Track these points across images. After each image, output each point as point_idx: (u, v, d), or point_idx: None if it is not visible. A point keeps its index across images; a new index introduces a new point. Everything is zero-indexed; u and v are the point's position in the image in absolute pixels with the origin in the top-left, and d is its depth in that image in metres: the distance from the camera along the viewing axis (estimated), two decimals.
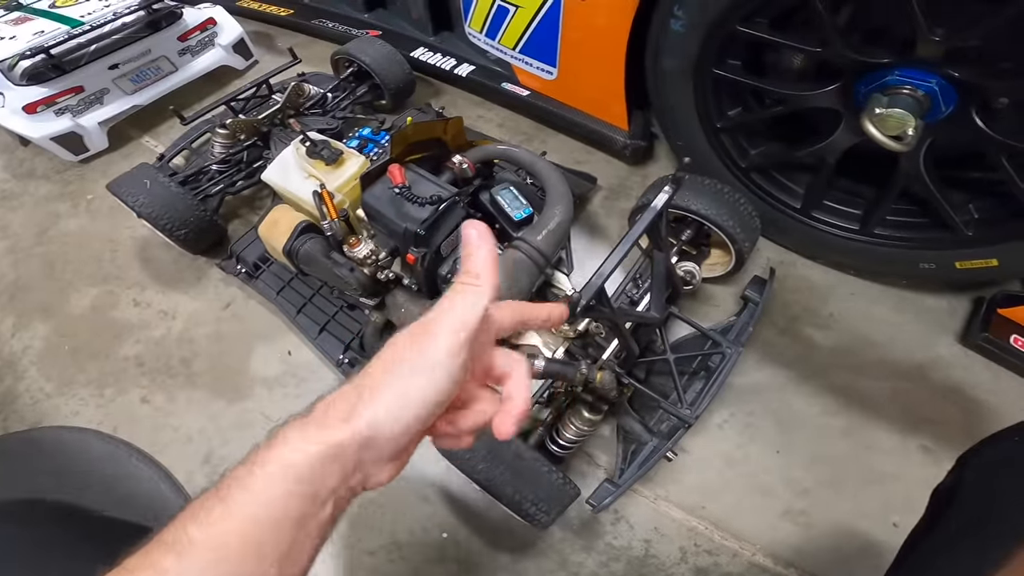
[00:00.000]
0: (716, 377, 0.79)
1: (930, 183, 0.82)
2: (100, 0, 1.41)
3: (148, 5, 1.35)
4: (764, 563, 0.78)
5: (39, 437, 0.91)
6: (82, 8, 1.39)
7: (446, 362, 0.27)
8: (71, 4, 1.41)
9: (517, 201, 0.92)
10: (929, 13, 0.66)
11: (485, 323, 0.29)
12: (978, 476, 0.43)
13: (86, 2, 1.41)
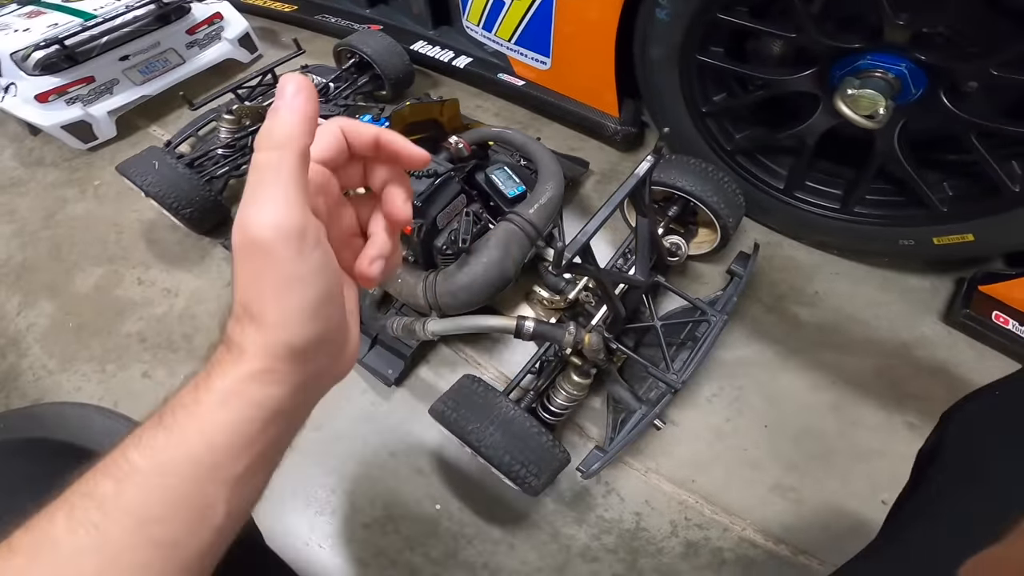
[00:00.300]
0: (702, 344, 0.82)
1: (905, 162, 0.86)
2: None
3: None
4: (755, 538, 0.79)
5: (40, 413, 0.93)
6: (95, 1, 1.44)
7: (287, 248, 0.24)
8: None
9: (511, 180, 0.96)
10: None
11: (303, 177, 0.25)
12: (960, 431, 0.43)
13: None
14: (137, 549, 0.24)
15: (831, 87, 0.83)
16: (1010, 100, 0.81)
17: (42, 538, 0.23)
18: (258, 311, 0.25)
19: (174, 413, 0.25)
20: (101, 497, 0.24)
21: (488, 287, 0.84)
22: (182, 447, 0.25)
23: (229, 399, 0.25)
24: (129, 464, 0.24)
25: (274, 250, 0.24)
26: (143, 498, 0.24)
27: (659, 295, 1.01)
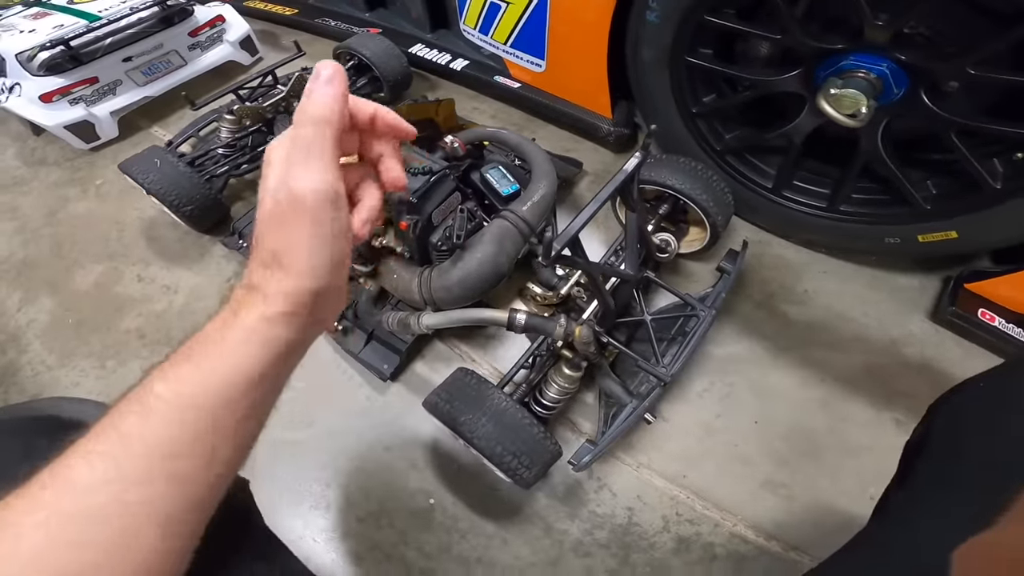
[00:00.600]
0: (690, 338, 0.83)
1: (888, 161, 0.88)
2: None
3: (162, 1, 1.43)
4: (746, 534, 0.80)
5: (38, 407, 0.95)
6: (100, 4, 1.46)
7: (325, 208, 0.28)
8: (89, 0, 1.49)
9: (505, 179, 0.98)
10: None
11: (336, 149, 0.29)
12: (946, 422, 0.43)
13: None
14: (152, 483, 0.26)
15: (815, 87, 0.85)
16: (990, 99, 0.83)
17: (60, 473, 0.25)
18: (288, 260, 0.28)
19: (203, 347, 0.28)
20: (124, 432, 0.26)
21: (482, 282, 0.85)
22: (206, 379, 0.27)
23: (251, 336, 0.28)
24: (154, 396, 0.26)
25: (315, 209, 0.28)
26: (165, 432, 0.26)
27: (651, 292, 1.03)
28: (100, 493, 0.25)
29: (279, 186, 0.29)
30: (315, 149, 0.29)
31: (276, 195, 0.29)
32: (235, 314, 0.29)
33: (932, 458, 0.42)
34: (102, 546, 0.24)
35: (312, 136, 0.29)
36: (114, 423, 0.26)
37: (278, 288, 0.29)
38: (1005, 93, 0.82)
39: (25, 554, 0.23)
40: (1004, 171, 0.82)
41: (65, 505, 0.24)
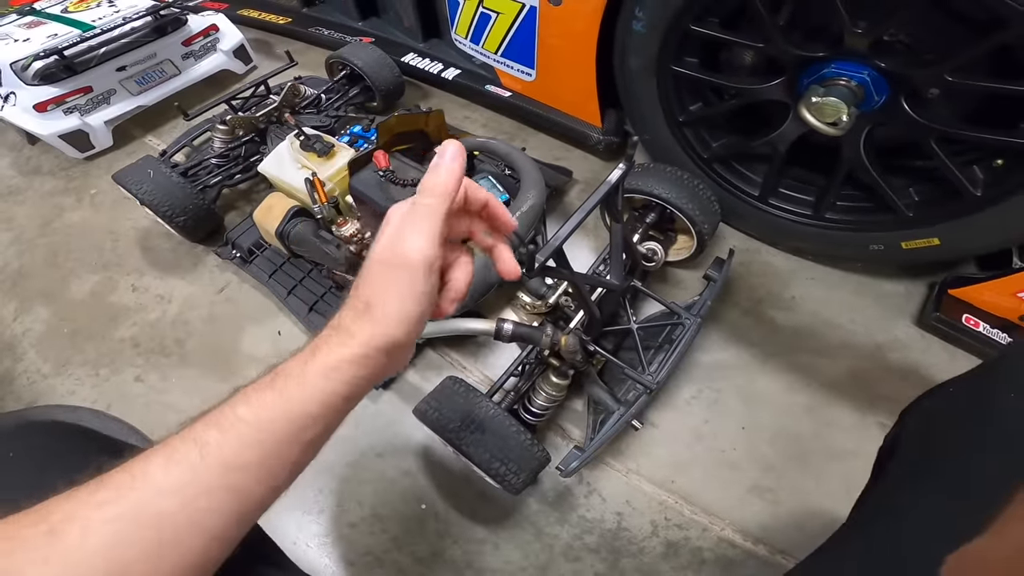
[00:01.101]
0: (676, 345, 0.84)
1: (871, 168, 0.89)
2: (111, 6, 1.49)
3: (156, 11, 1.43)
4: (733, 539, 0.80)
5: (33, 416, 0.95)
6: (94, 13, 1.47)
7: (424, 271, 0.32)
8: (83, 9, 1.49)
9: (495, 189, 1.00)
10: (851, 7, 0.74)
11: (444, 223, 0.34)
12: (917, 426, 0.44)
13: (97, 7, 1.49)
14: (217, 492, 0.28)
15: (799, 95, 0.86)
16: (969, 106, 0.84)
17: (137, 475, 0.28)
18: (379, 311, 0.32)
19: (286, 379, 0.31)
20: (204, 443, 0.28)
21: (472, 292, 0.86)
22: (286, 407, 0.30)
23: (331, 373, 0.31)
24: (236, 417, 0.29)
25: (415, 270, 0.32)
26: (240, 448, 0.29)
27: (638, 300, 1.04)
28: (173, 497, 0.27)
29: (390, 244, 0.33)
30: (430, 219, 0.33)
31: (385, 251, 0.33)
32: (318, 350, 0.32)
33: (903, 462, 0.43)
34: (159, 546, 0.27)
35: (431, 206, 0.33)
36: (196, 436, 0.29)
37: (365, 334, 0.32)
38: (984, 100, 0.83)
39: (91, 548, 0.25)
40: (984, 178, 0.84)
41: (137, 505, 0.27)
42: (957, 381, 0.44)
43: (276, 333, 1.08)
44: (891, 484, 0.43)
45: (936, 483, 0.37)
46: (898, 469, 0.43)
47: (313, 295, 1.06)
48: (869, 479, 0.51)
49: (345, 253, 0.89)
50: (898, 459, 0.43)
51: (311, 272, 1.09)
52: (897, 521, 0.38)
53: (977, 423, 0.39)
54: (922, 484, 0.38)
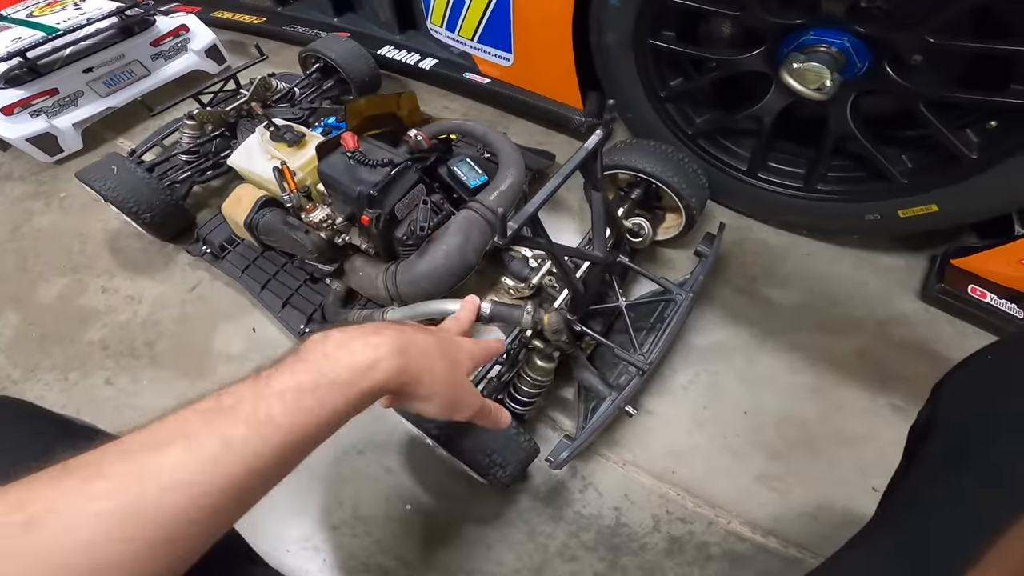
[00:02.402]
0: (668, 323, 0.80)
1: (860, 136, 0.86)
2: (75, 8, 1.46)
3: (121, 12, 1.40)
4: (742, 531, 0.75)
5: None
6: (58, 16, 1.44)
7: (456, 374, 0.43)
8: (47, 12, 1.46)
9: (473, 171, 0.96)
10: None
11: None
12: (952, 404, 0.40)
13: (62, 11, 1.46)
14: (230, 492, 0.27)
15: (779, 64, 0.83)
16: (957, 69, 0.82)
17: (148, 467, 0.26)
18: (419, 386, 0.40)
19: (329, 388, 0.32)
20: (229, 441, 0.28)
21: (449, 274, 0.82)
22: (319, 418, 0.31)
23: (370, 392, 0.35)
24: (270, 418, 0.29)
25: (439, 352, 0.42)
26: (264, 455, 0.29)
27: (629, 280, 1.00)
28: (181, 494, 0.25)
29: (447, 337, 0.45)
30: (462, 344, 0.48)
31: (444, 343, 0.44)
32: (373, 367, 0.35)
33: (939, 447, 0.38)
34: (151, 547, 0.25)
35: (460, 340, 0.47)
36: (218, 428, 0.28)
37: (412, 390, 0.39)
38: (972, 62, 0.80)
39: (74, 545, 0.23)
40: (979, 141, 0.81)
41: (138, 500, 0.25)
42: (994, 349, 0.40)
43: (251, 330, 1.04)
44: (923, 473, 0.39)
45: (971, 472, 0.33)
46: (930, 456, 0.39)
47: (288, 288, 1.02)
48: (900, 463, 0.46)
49: (314, 239, 0.84)
50: (931, 443, 0.39)
51: (285, 265, 1.05)
52: (928, 516, 0.34)
53: (1013, 403, 0.34)
54: (956, 474, 0.34)
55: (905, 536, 0.35)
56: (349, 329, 0.37)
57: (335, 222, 0.85)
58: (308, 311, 0.97)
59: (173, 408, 0.29)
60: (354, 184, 0.81)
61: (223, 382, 0.32)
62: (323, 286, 1.00)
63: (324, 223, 0.85)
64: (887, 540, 0.37)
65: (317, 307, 0.98)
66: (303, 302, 0.99)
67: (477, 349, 0.48)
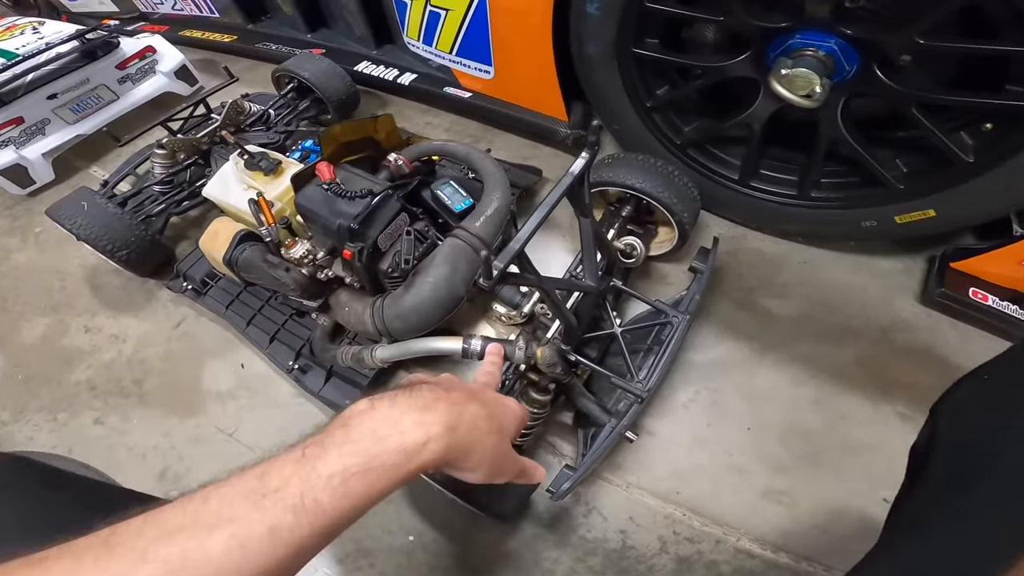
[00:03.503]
0: (665, 347, 0.78)
1: (852, 141, 0.83)
2: (34, 32, 1.41)
3: (81, 35, 1.35)
4: (751, 548, 0.75)
5: None
6: (17, 41, 1.38)
7: (503, 445, 0.43)
8: (6, 38, 1.41)
9: (457, 194, 0.92)
10: None
11: None
12: (951, 425, 0.40)
13: (21, 35, 1.41)
14: (270, 563, 0.27)
15: (767, 70, 0.81)
16: (948, 71, 0.79)
17: (190, 549, 0.26)
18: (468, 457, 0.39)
19: (379, 473, 0.32)
20: (276, 527, 0.28)
21: (437, 307, 0.79)
22: (366, 502, 0.31)
23: (417, 472, 0.34)
24: (317, 506, 0.29)
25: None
26: (308, 536, 0.29)
27: (623, 301, 0.98)
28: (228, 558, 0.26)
29: (483, 394, 0.44)
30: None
31: (485, 398, 0.43)
32: (421, 450, 0.34)
33: (940, 469, 0.38)
34: None
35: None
36: (265, 515, 0.28)
37: (458, 464, 0.38)
38: (963, 63, 0.78)
39: None
40: (974, 144, 0.79)
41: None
42: (991, 367, 0.39)
43: (239, 366, 1.01)
44: (925, 497, 0.39)
45: (974, 497, 0.32)
46: (931, 479, 0.38)
47: (274, 324, 0.99)
48: (903, 483, 0.46)
49: (296, 276, 0.81)
50: (934, 466, 0.39)
51: (270, 300, 1.02)
52: (931, 543, 0.34)
53: (1013, 420, 0.33)
54: (958, 498, 0.34)
55: (910, 562, 0.34)
56: (397, 399, 0.35)
57: (316, 257, 0.82)
58: (296, 346, 0.95)
59: (163, 446, 0.28)
60: (333, 217, 0.78)
61: (213, 419, 0.31)
62: (310, 320, 0.98)
63: (305, 259, 0.82)
64: (892, 566, 0.36)
65: (305, 342, 0.95)
66: (291, 337, 0.97)
67: (523, 412, 0.48)
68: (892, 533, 0.43)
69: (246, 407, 0.96)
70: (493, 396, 0.45)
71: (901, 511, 0.43)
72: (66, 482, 0.42)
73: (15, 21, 1.52)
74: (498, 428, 0.41)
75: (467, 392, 0.41)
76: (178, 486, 0.88)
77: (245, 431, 0.93)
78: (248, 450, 0.91)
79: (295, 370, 0.94)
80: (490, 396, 0.44)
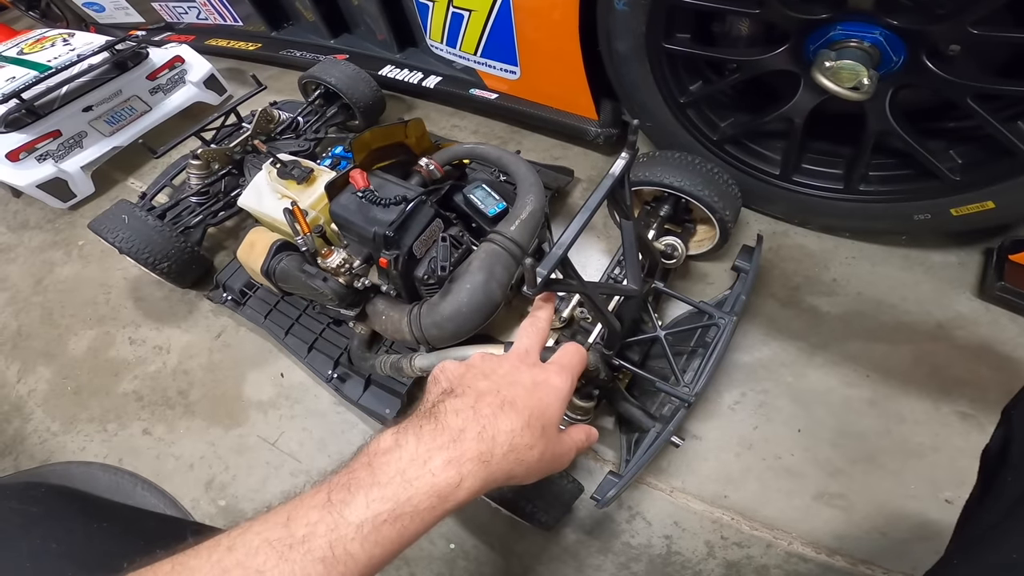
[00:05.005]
0: (712, 350, 0.75)
1: (903, 133, 0.80)
2: (65, 44, 1.44)
3: (111, 46, 1.37)
4: (804, 552, 0.72)
5: (48, 472, 0.94)
6: (49, 53, 1.42)
7: (550, 448, 0.38)
8: (38, 50, 1.44)
9: (490, 198, 0.91)
10: None
11: None
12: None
13: (52, 47, 1.44)
14: None
15: (807, 62, 0.77)
16: (1002, 59, 0.75)
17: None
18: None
19: (411, 518, 0.31)
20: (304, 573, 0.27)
21: (475, 314, 0.78)
22: (400, 548, 0.30)
23: (453, 511, 0.33)
24: (348, 556, 0.28)
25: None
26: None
27: (663, 302, 0.96)
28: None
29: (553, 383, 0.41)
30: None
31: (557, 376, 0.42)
32: (456, 490, 0.32)
33: (1017, 473, 0.36)
34: None
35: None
36: (294, 567, 0.27)
37: (500, 485, 0.36)
38: (1016, 51, 0.74)
39: None
40: None
41: None
42: None
43: (279, 375, 1.03)
44: (1000, 506, 0.36)
45: None
46: (1008, 485, 0.36)
47: (312, 333, 1.00)
48: (975, 487, 0.44)
49: (333, 286, 0.81)
50: (1007, 472, 0.37)
51: (307, 309, 1.03)
52: (1007, 555, 0.32)
53: None
54: None
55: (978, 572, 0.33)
56: (423, 431, 0.33)
57: (353, 266, 0.82)
58: (334, 355, 0.96)
59: (209, 456, 0.28)
60: (368, 224, 0.78)
61: (256, 428, 0.31)
62: (347, 328, 0.98)
63: (342, 267, 0.82)
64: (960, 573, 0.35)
65: (343, 351, 0.96)
66: (328, 346, 0.97)
67: (568, 378, 0.42)
68: (963, 540, 0.41)
69: (287, 416, 0.97)
70: (530, 385, 0.38)
71: (974, 520, 0.41)
72: (104, 512, 0.42)
73: (45, 33, 1.56)
74: (540, 432, 0.37)
75: (498, 399, 0.36)
76: (224, 495, 0.90)
77: (287, 440, 0.94)
78: (290, 458, 0.92)
79: (334, 379, 0.94)
80: (525, 389, 0.38)
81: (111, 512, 0.42)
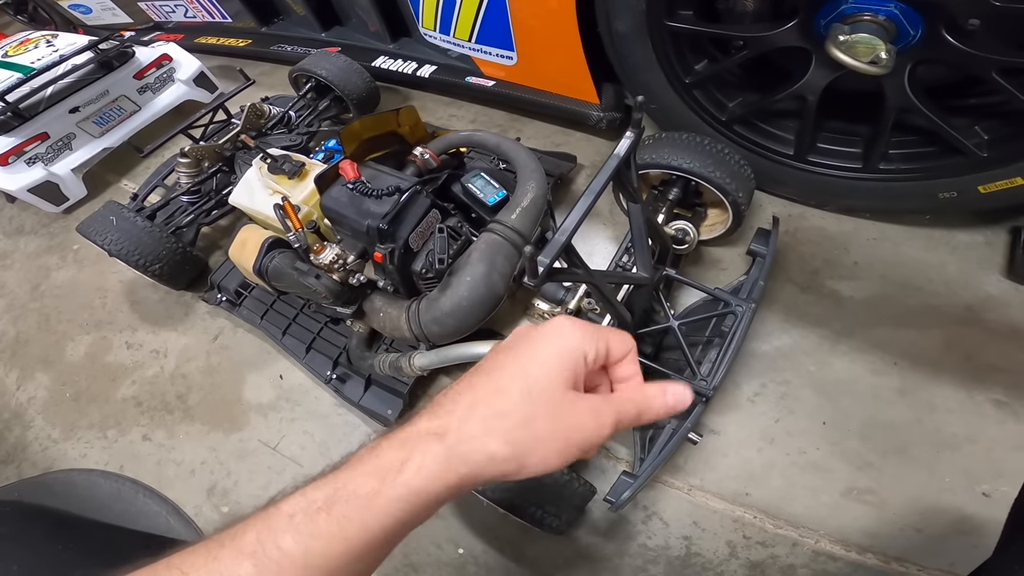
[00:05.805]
0: (730, 340, 0.71)
1: (925, 109, 0.75)
2: (48, 45, 1.41)
3: (94, 46, 1.34)
4: (832, 550, 0.69)
5: (51, 480, 0.93)
6: (32, 55, 1.39)
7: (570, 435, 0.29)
8: (21, 52, 1.41)
9: (490, 187, 0.87)
10: None
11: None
12: None
13: (35, 49, 1.41)
14: None
15: (818, 37, 0.73)
16: (1020, 30, 0.70)
17: None
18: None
19: (347, 503, 0.26)
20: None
21: (476, 308, 0.75)
22: (346, 541, 0.25)
23: (417, 497, 0.26)
24: (280, 551, 0.25)
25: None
26: None
27: (675, 290, 0.92)
28: None
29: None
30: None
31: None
32: (401, 468, 0.26)
33: None
34: None
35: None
36: (218, 566, 0.24)
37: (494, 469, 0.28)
38: None
39: None
40: None
41: None
42: None
43: (278, 377, 1.00)
44: None
45: None
46: None
47: (309, 332, 0.97)
48: (999, 541, 0.40)
49: (326, 283, 0.78)
50: None
51: (303, 308, 1.00)
52: None
53: None
54: None
55: None
56: (408, 439, 0.28)
57: (347, 261, 0.78)
58: (333, 355, 0.93)
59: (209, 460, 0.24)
60: (361, 218, 0.74)
61: (257, 432, 0.27)
62: (345, 327, 0.95)
63: (335, 264, 0.78)
64: None
65: (342, 350, 0.93)
66: (327, 346, 0.95)
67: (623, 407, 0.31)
68: (1016, 532, 0.38)
69: (288, 419, 0.95)
70: (522, 344, 0.31)
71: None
72: (73, 532, 0.40)
73: (28, 35, 1.53)
74: (525, 394, 0.28)
75: (478, 375, 0.30)
76: (227, 501, 0.88)
77: (288, 444, 0.92)
78: (292, 463, 0.90)
79: (333, 380, 0.91)
80: (511, 351, 0.31)
81: (81, 531, 0.41)
